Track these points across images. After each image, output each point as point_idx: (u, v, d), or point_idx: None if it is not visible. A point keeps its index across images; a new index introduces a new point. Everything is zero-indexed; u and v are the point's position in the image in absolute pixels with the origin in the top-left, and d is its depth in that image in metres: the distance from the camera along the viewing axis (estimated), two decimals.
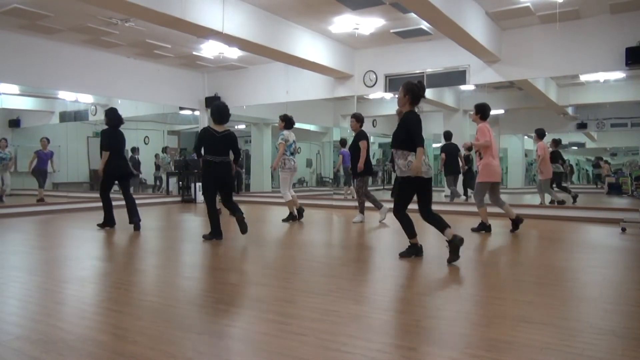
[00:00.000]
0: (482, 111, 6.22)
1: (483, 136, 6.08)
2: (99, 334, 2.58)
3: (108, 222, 6.71)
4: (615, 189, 11.39)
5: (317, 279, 3.95)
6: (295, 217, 7.57)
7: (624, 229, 6.33)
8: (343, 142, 11.31)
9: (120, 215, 6.82)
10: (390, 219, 8.25)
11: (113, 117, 6.60)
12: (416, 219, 4.53)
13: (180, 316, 2.89)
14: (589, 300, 3.31)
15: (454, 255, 4.30)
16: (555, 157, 9.20)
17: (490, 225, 6.35)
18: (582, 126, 10.42)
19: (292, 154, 7.46)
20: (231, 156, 5.71)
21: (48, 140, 10.52)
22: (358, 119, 7.31)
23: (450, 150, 9.89)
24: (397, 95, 4.57)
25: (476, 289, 3.68)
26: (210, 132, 5.59)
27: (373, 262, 4.80)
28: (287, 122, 7.45)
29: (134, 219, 6.57)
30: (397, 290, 3.62)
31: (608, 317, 2.88)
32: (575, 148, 12.01)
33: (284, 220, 7.55)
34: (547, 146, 8.93)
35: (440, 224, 4.40)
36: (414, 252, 4.58)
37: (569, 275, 4.10)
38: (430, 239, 6.03)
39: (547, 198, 8.85)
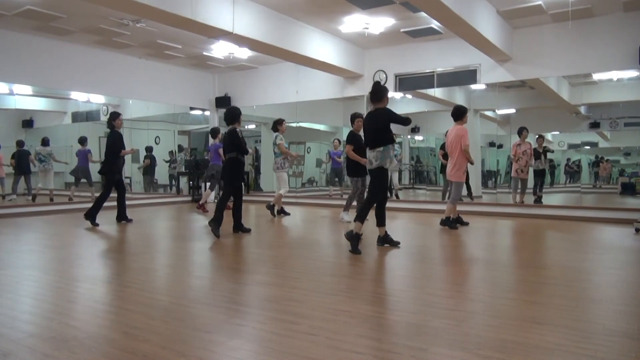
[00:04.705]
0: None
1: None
2: (111, 332, 2.60)
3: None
4: (629, 189, 11.24)
5: (327, 279, 3.95)
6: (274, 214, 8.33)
7: (637, 230, 6.26)
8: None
9: (132, 214, 6.84)
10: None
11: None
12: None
13: (191, 315, 2.91)
14: (602, 302, 3.28)
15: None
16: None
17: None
18: (595, 125, 10.27)
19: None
20: None
21: (84, 139, 10.82)
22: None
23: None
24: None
25: (487, 289, 3.66)
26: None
27: (383, 261, 4.79)
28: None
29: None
30: (408, 290, 3.61)
31: (621, 318, 2.85)
32: (588, 147, 11.86)
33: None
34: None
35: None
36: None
37: (581, 276, 4.06)
38: (438, 239, 6.01)
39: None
